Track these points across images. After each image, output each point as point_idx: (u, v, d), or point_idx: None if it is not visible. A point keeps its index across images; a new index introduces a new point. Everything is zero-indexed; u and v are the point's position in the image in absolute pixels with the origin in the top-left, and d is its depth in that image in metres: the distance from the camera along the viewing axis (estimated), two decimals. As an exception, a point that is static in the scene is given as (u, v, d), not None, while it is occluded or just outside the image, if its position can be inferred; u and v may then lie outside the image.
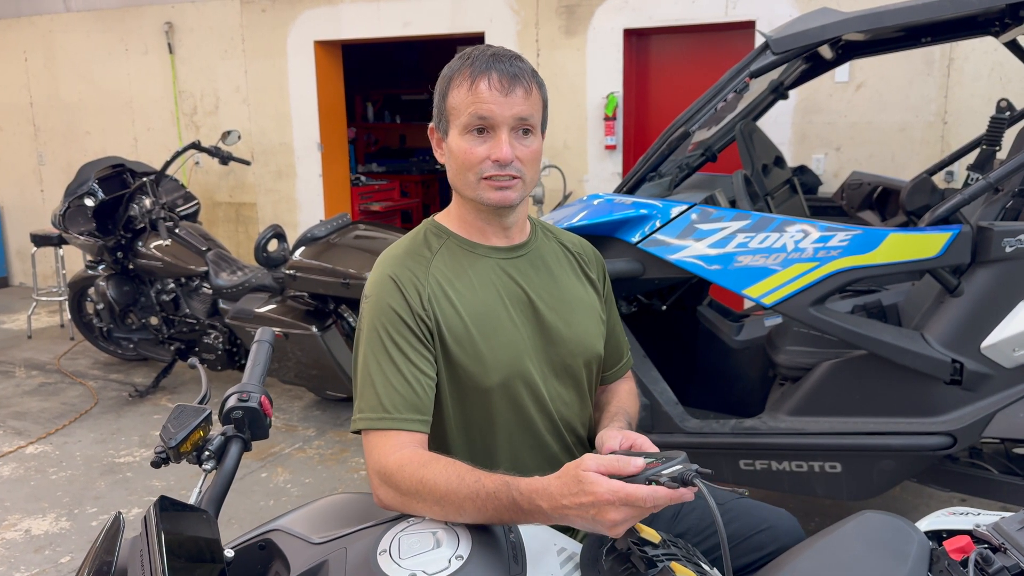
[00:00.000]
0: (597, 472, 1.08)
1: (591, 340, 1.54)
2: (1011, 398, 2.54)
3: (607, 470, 1.08)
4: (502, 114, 1.38)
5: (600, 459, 1.09)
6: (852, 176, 4.36)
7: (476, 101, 1.38)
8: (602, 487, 1.06)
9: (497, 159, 1.38)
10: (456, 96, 1.42)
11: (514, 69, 1.40)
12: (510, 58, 1.42)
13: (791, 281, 2.59)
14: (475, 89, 1.38)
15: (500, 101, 1.37)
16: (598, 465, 1.08)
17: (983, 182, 2.44)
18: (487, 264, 1.48)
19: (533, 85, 1.42)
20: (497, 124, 1.39)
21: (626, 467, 1.07)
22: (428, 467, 1.24)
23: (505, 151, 1.38)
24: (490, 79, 1.38)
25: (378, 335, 1.38)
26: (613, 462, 1.08)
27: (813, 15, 2.69)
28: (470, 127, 1.40)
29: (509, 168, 1.39)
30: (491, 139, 1.40)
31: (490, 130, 1.40)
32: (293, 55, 6.69)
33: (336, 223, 4.66)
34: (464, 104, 1.40)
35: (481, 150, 1.40)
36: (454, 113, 1.43)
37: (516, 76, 1.39)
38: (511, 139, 1.39)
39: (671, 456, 1.10)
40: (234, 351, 4.92)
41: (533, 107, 1.41)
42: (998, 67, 4.74)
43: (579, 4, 5.67)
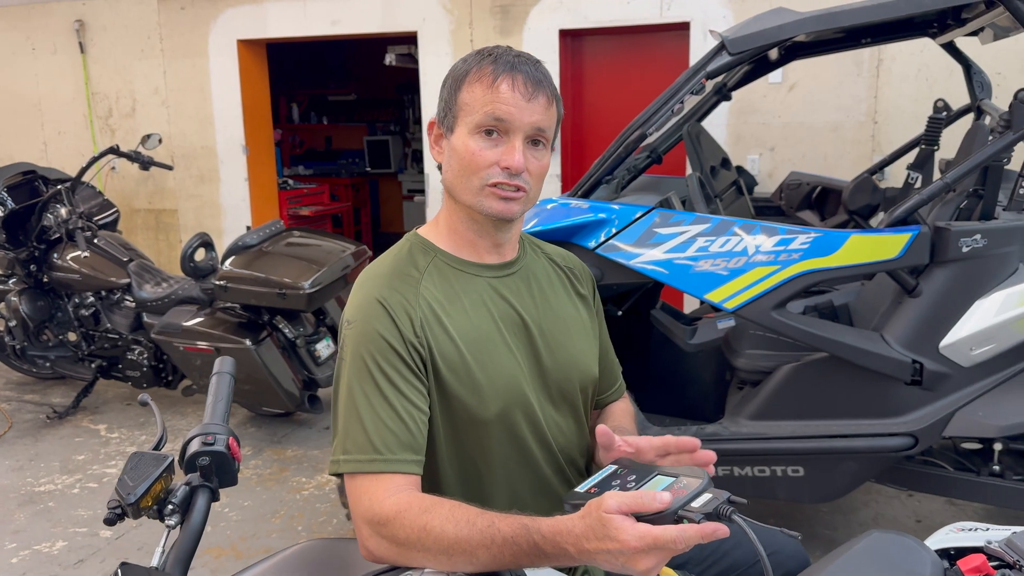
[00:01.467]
0: (620, 513, 0.98)
1: (587, 363, 1.44)
2: (969, 397, 2.56)
3: (630, 509, 0.98)
4: (521, 119, 1.27)
5: (622, 498, 0.99)
6: (791, 176, 4.40)
7: (495, 101, 1.27)
8: (628, 533, 0.96)
9: (508, 166, 1.27)
10: (472, 92, 1.30)
11: (539, 75, 1.30)
12: (535, 63, 1.32)
13: (753, 285, 2.55)
14: (496, 88, 1.27)
15: (521, 105, 1.27)
16: (620, 505, 0.99)
17: (941, 182, 2.45)
18: (478, 284, 1.36)
19: (553, 97, 1.32)
20: (513, 129, 1.28)
21: (651, 504, 0.98)
22: (431, 513, 1.12)
23: (518, 158, 1.27)
24: (514, 80, 1.27)
25: (365, 366, 1.25)
26: (636, 499, 0.99)
27: (768, 15, 2.66)
28: (483, 127, 1.28)
29: (518, 179, 1.29)
30: (503, 144, 1.29)
31: (503, 134, 1.29)
32: (215, 55, 6.41)
33: (269, 230, 4.46)
34: (481, 102, 1.28)
35: (491, 154, 1.28)
36: (466, 109, 1.30)
37: (540, 83, 1.29)
38: (525, 148, 1.29)
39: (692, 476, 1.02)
40: (160, 367, 4.65)
41: (550, 119, 1.32)
42: (924, 68, 4.85)
43: (514, 4, 5.58)
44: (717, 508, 0.97)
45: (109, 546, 3.36)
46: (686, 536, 0.95)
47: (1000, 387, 2.56)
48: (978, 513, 3.44)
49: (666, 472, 1.08)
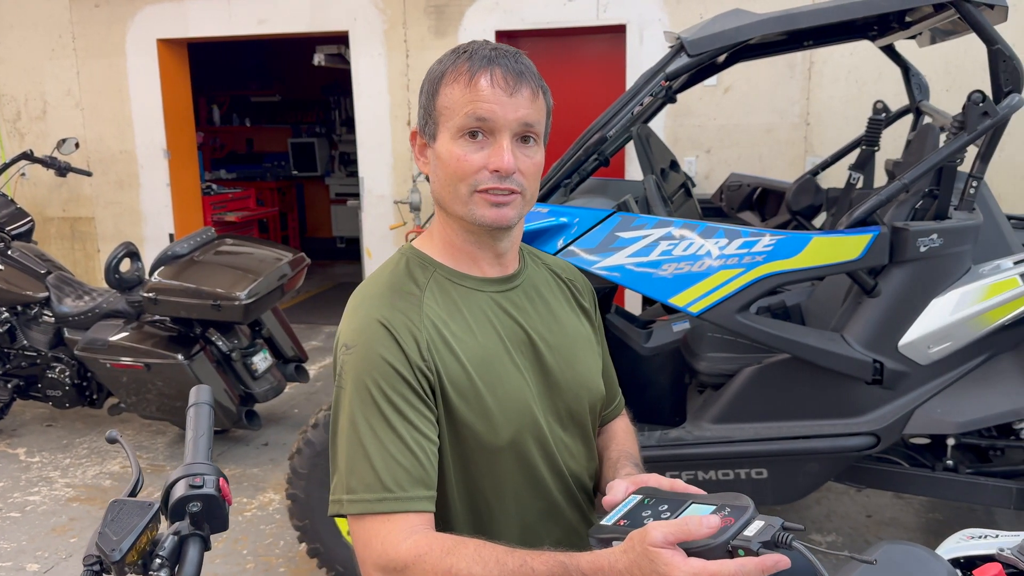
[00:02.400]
0: (668, 545, 0.90)
1: (594, 380, 1.36)
2: (928, 394, 2.59)
3: (677, 539, 0.91)
4: (505, 116, 1.17)
5: (668, 528, 0.92)
6: (731, 177, 4.43)
7: (475, 100, 1.17)
8: (680, 570, 0.89)
9: (497, 168, 1.17)
10: (450, 94, 1.20)
11: (520, 67, 1.20)
12: (514, 54, 1.22)
13: (718, 288, 2.53)
14: (474, 86, 1.17)
15: (503, 101, 1.17)
16: (666, 536, 0.91)
17: (899, 183, 2.47)
18: (481, 299, 1.26)
19: (539, 88, 1.22)
20: (498, 128, 1.18)
21: (699, 530, 0.91)
22: (455, 555, 1.03)
23: (507, 159, 1.17)
24: (492, 75, 1.17)
25: (369, 394, 1.13)
26: (683, 528, 0.91)
27: (727, 16, 2.64)
28: (465, 130, 1.18)
29: (509, 180, 1.19)
30: (489, 145, 1.19)
31: (488, 135, 1.19)
32: (133, 55, 6.11)
33: (200, 238, 4.25)
34: (460, 103, 1.18)
35: (477, 158, 1.19)
36: (446, 114, 1.20)
37: (522, 74, 1.19)
38: (513, 146, 1.19)
39: (735, 503, 0.95)
40: (84, 385, 4.38)
41: (538, 112, 1.22)
42: (854, 70, 4.97)
43: (448, 4, 5.48)
44: (774, 536, 0.91)
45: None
46: (745, 570, 0.88)
47: (956, 384, 2.60)
48: (923, 506, 3.53)
49: (702, 500, 1.01)
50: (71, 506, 3.72)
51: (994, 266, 2.56)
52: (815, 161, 5.06)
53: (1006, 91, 2.48)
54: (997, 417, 2.50)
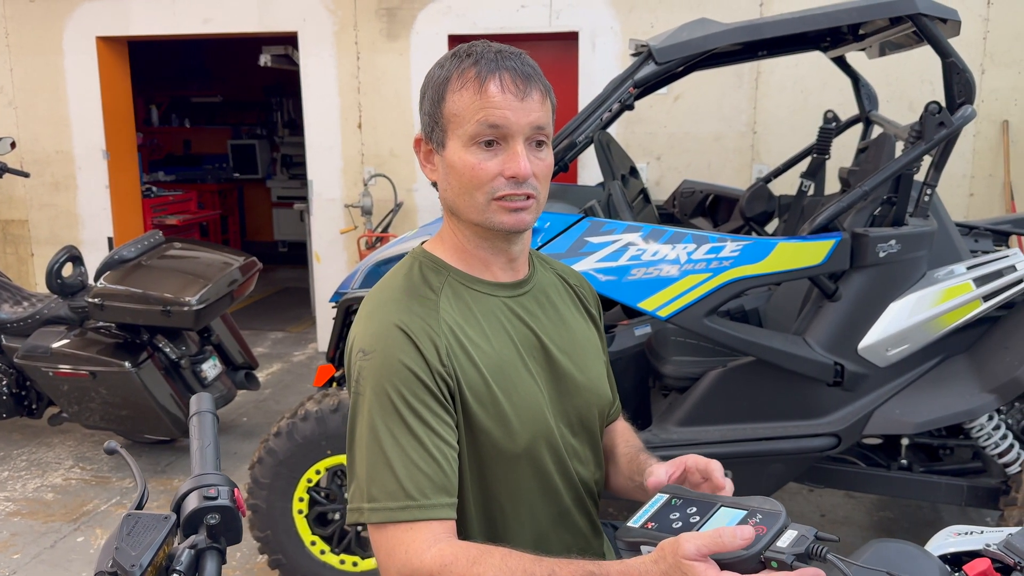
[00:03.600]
0: (701, 558, 0.90)
1: (603, 386, 1.36)
2: (886, 396, 2.67)
3: (710, 551, 0.90)
4: (518, 122, 1.15)
5: (700, 540, 0.91)
6: (684, 184, 4.49)
7: (487, 107, 1.15)
8: None
9: (514, 175, 1.16)
10: (459, 101, 1.17)
11: (527, 68, 1.18)
12: (519, 55, 1.20)
13: (686, 292, 2.56)
14: (485, 92, 1.15)
15: (515, 106, 1.15)
16: (699, 549, 0.90)
17: (859, 190, 2.54)
18: (493, 304, 1.25)
19: (546, 89, 1.21)
20: (512, 134, 1.16)
21: (732, 542, 0.90)
22: (481, 564, 1.01)
23: (523, 165, 1.15)
24: (502, 80, 1.15)
25: (390, 400, 1.11)
26: (716, 540, 0.90)
27: (693, 26, 2.68)
28: (479, 138, 1.16)
29: (525, 186, 1.17)
30: (503, 151, 1.17)
31: (502, 141, 1.17)
32: (71, 52, 5.90)
33: (147, 242, 4.12)
34: (471, 110, 1.16)
35: (491, 165, 1.17)
36: (455, 121, 1.18)
37: (530, 77, 1.18)
38: (527, 151, 1.17)
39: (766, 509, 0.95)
40: (23, 395, 4.20)
41: (547, 114, 1.20)
42: (800, 80, 5.11)
43: (400, 7, 5.45)
44: (808, 548, 0.91)
45: (-22, 600, 2.99)
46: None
47: (913, 385, 2.69)
48: (874, 504, 3.63)
49: (731, 504, 1.01)
50: (12, 521, 3.56)
51: (948, 271, 2.65)
52: (762, 168, 5.19)
53: (959, 102, 2.57)
54: (952, 417, 2.59)
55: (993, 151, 5.01)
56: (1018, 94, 4.91)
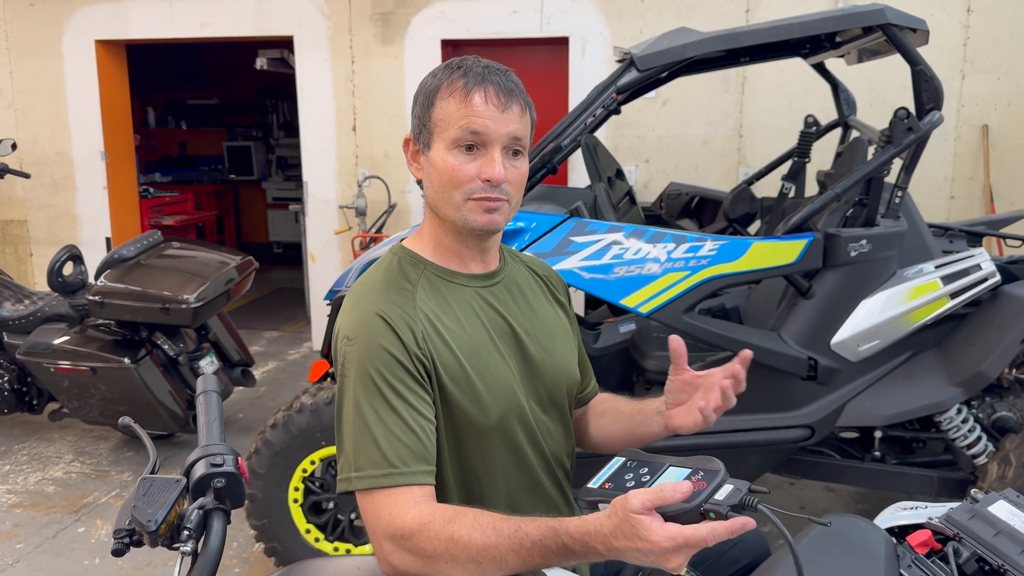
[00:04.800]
0: (646, 511, 1.01)
1: (571, 366, 1.48)
2: (858, 389, 2.79)
3: (654, 504, 1.02)
4: (497, 131, 1.28)
5: (645, 496, 1.02)
6: (670, 186, 4.61)
7: (470, 115, 1.27)
8: (658, 535, 1.00)
9: (488, 178, 1.28)
10: (445, 108, 1.30)
11: (510, 84, 1.31)
12: (504, 72, 1.33)
13: (666, 290, 2.67)
14: (469, 102, 1.28)
15: (496, 117, 1.28)
16: (644, 503, 1.01)
17: (831, 192, 2.66)
18: (467, 294, 1.37)
19: (526, 105, 1.33)
20: (490, 141, 1.28)
21: (672, 495, 1.02)
22: (456, 523, 1.13)
23: (498, 170, 1.27)
24: (486, 92, 1.28)
25: (372, 380, 1.23)
26: (658, 495, 1.02)
27: (673, 34, 2.80)
28: (460, 142, 1.29)
29: (498, 190, 1.29)
30: (481, 156, 1.29)
31: (481, 147, 1.29)
32: (70, 55, 6.00)
33: (146, 241, 4.23)
34: (455, 117, 1.28)
35: (470, 168, 1.29)
36: (441, 126, 1.30)
37: (512, 92, 1.30)
38: (503, 158, 1.29)
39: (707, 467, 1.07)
40: (24, 391, 4.29)
41: (525, 127, 1.33)
42: (785, 85, 5.23)
43: (394, 12, 5.56)
44: (742, 499, 1.02)
45: (-17, 588, 3.09)
46: (716, 533, 0.99)
47: (884, 380, 2.80)
48: (852, 497, 3.75)
49: (678, 463, 1.12)
50: (14, 512, 3.65)
51: (917, 270, 2.77)
52: (748, 171, 5.30)
53: (928, 108, 2.69)
54: (921, 410, 2.70)
55: (973, 155, 5.14)
56: (997, 99, 5.03)
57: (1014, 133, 5.03)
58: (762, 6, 5.14)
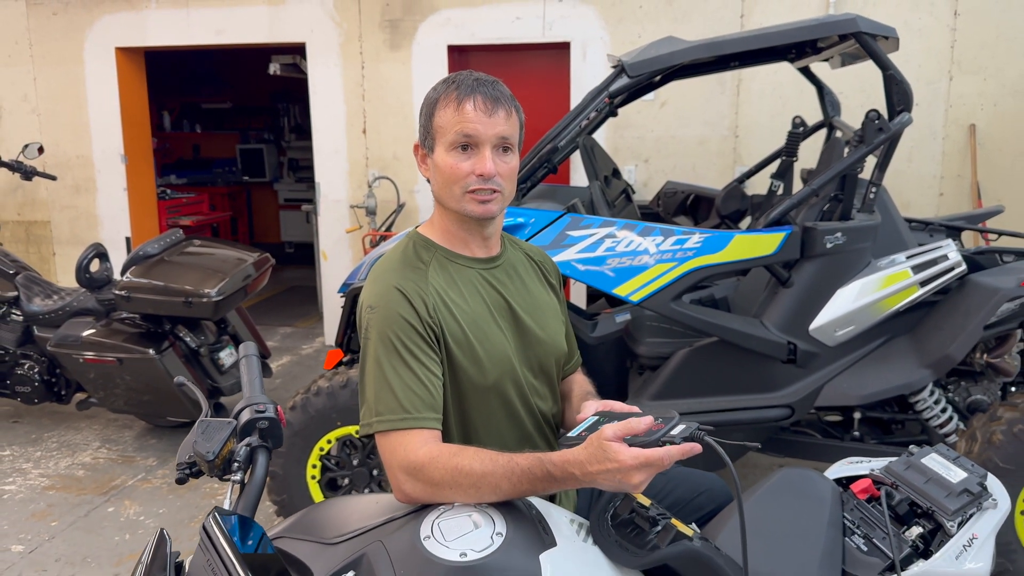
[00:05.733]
0: (616, 440, 1.23)
1: (560, 340, 1.70)
2: (835, 372, 2.99)
3: (624, 433, 1.24)
4: (486, 133, 1.50)
5: (616, 427, 1.25)
6: (667, 185, 4.82)
7: (462, 121, 1.50)
8: (625, 455, 1.22)
9: (481, 173, 1.50)
10: (443, 116, 1.53)
11: (496, 93, 1.53)
12: (492, 83, 1.55)
13: (655, 279, 2.88)
14: (461, 110, 1.50)
15: (484, 121, 1.50)
16: (615, 433, 1.24)
17: (807, 189, 2.87)
18: (471, 274, 1.60)
19: (512, 108, 1.55)
20: (481, 142, 1.51)
21: (638, 427, 1.24)
22: (460, 456, 1.35)
23: (488, 166, 1.50)
24: (475, 101, 1.50)
25: (391, 342, 1.45)
26: (627, 426, 1.25)
27: (661, 43, 3.01)
28: (456, 144, 1.51)
29: (491, 182, 1.52)
30: (475, 156, 1.51)
31: (474, 147, 1.51)
32: (91, 62, 6.25)
33: (169, 239, 4.46)
34: (451, 123, 1.51)
35: (466, 165, 1.51)
36: (441, 131, 1.53)
37: (498, 99, 1.52)
38: (493, 156, 1.51)
39: (665, 415, 1.29)
40: (53, 381, 4.53)
41: (512, 128, 1.55)
42: (779, 87, 5.43)
43: (402, 19, 5.78)
44: (691, 433, 1.25)
45: (23, 560, 3.32)
46: (670, 454, 1.22)
47: (860, 363, 3.00)
48: (838, 478, 3.94)
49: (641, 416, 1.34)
50: (47, 494, 3.89)
51: (890, 260, 2.97)
52: (743, 170, 5.50)
53: (898, 110, 2.89)
54: (894, 390, 2.90)
55: (961, 153, 5.33)
56: (984, 99, 5.22)
57: (1000, 132, 5.22)
58: (756, 12, 5.34)
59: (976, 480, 1.55)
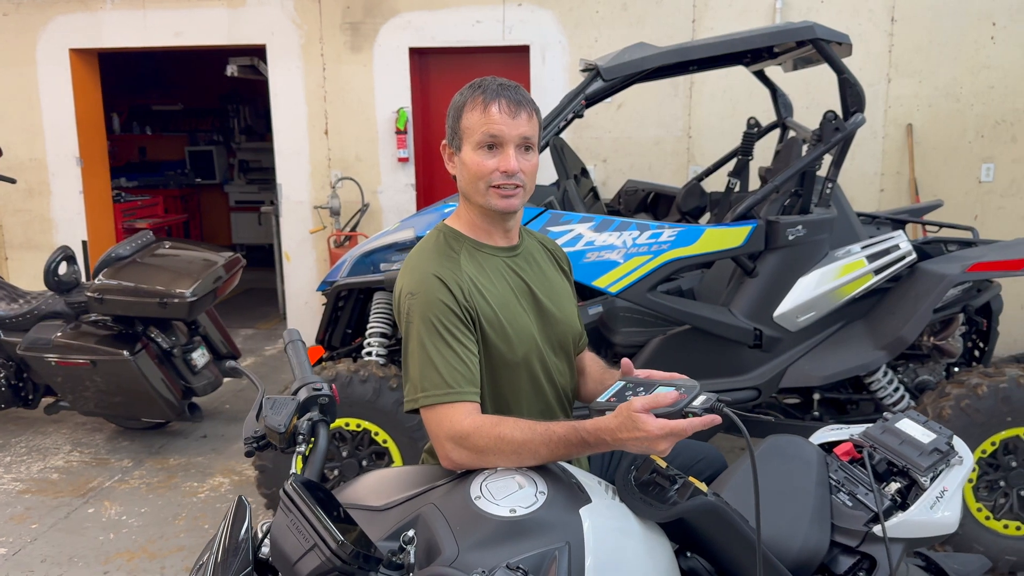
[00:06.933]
0: (645, 411, 1.38)
1: (575, 321, 1.85)
2: (798, 355, 3.21)
3: (652, 406, 1.39)
4: (510, 133, 1.64)
5: (645, 400, 1.40)
6: (628, 183, 5.01)
7: (488, 122, 1.63)
8: (652, 425, 1.37)
9: (505, 170, 1.64)
10: (470, 118, 1.66)
11: (519, 97, 1.67)
12: (515, 88, 1.69)
13: (632, 272, 3.05)
14: (487, 112, 1.64)
15: (508, 123, 1.63)
16: (644, 405, 1.39)
17: (770, 185, 3.07)
18: (496, 262, 1.73)
19: (533, 111, 1.69)
20: (505, 141, 1.64)
21: (664, 400, 1.39)
22: (501, 426, 1.49)
23: (512, 163, 1.64)
24: (500, 104, 1.64)
25: (433, 325, 1.58)
26: (654, 399, 1.39)
27: (633, 48, 3.18)
28: (482, 144, 1.65)
29: (514, 178, 1.65)
30: (499, 154, 1.65)
31: (498, 146, 1.65)
32: (44, 63, 6.18)
33: (140, 241, 4.48)
34: (477, 124, 1.65)
35: (491, 163, 1.65)
36: (468, 132, 1.67)
37: (520, 103, 1.66)
38: (516, 154, 1.65)
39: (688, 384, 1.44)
40: (20, 386, 4.50)
41: (533, 128, 1.68)
42: (729, 90, 5.67)
43: (363, 22, 5.86)
44: (712, 405, 1.40)
45: (7, 562, 3.32)
46: (693, 425, 1.37)
47: (820, 346, 3.22)
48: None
49: (666, 383, 1.49)
50: (24, 497, 3.88)
51: (846, 250, 3.20)
52: (696, 169, 5.74)
53: (852, 111, 3.11)
54: (852, 370, 3.12)
55: (899, 151, 5.64)
56: (920, 100, 5.54)
57: (935, 131, 5.55)
58: (707, 17, 5.58)
59: (944, 440, 1.74)
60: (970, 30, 5.37)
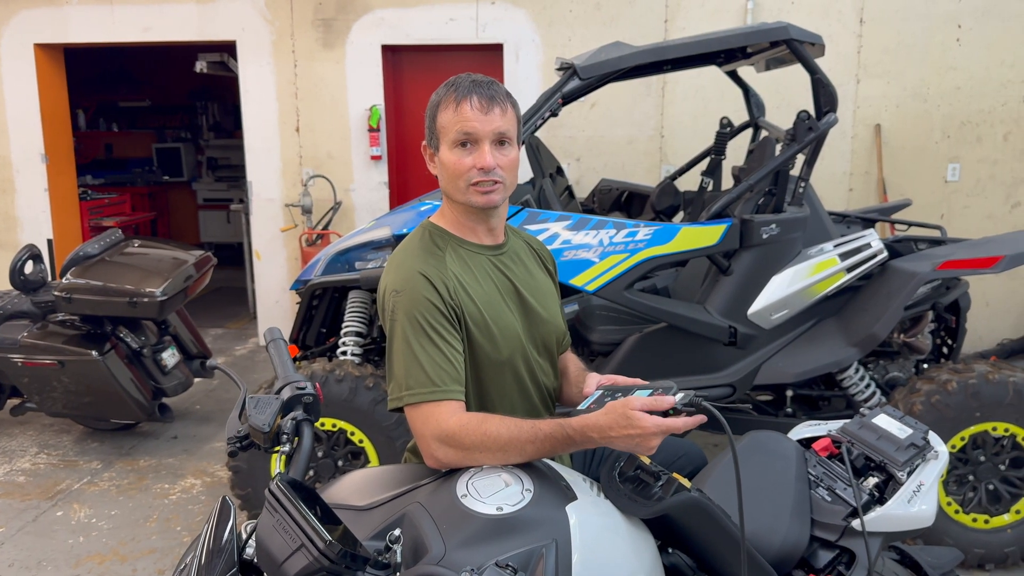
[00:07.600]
0: (642, 411, 1.39)
1: (559, 321, 1.85)
2: (771, 352, 3.24)
3: (651, 408, 1.40)
4: (483, 129, 1.62)
5: (644, 401, 1.40)
6: (602, 182, 5.02)
7: (461, 120, 1.62)
8: (648, 423, 1.38)
9: (482, 167, 1.62)
10: (444, 117, 1.65)
11: (491, 92, 1.65)
12: (488, 83, 1.67)
13: (609, 270, 3.06)
14: (460, 110, 1.63)
15: (481, 119, 1.62)
16: (643, 405, 1.40)
17: (744, 184, 3.10)
18: (481, 260, 1.72)
19: (508, 105, 1.67)
20: (480, 138, 1.63)
21: (662, 404, 1.40)
22: (487, 423, 1.48)
23: (488, 160, 1.62)
24: (471, 101, 1.62)
25: (418, 322, 1.56)
26: (655, 402, 1.40)
27: (609, 48, 3.19)
28: (457, 142, 1.63)
29: (492, 174, 1.64)
30: (475, 151, 1.63)
31: (474, 143, 1.63)
32: (8, 59, 6.06)
33: (109, 239, 4.41)
34: (451, 123, 1.63)
35: (468, 160, 1.63)
36: (443, 131, 1.65)
37: (493, 98, 1.64)
38: (492, 150, 1.64)
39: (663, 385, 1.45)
40: (-15, 387, 4.41)
41: (509, 123, 1.66)
42: (701, 90, 5.71)
43: (335, 18, 5.82)
44: (692, 402, 1.41)
45: (-26, 567, 3.26)
46: (687, 423, 1.40)
47: (793, 343, 3.26)
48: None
49: (642, 386, 1.50)
50: (-10, 501, 3.81)
51: (819, 249, 3.23)
52: (669, 168, 5.78)
53: (825, 111, 3.15)
54: (825, 367, 3.16)
55: (868, 151, 5.73)
56: (888, 101, 5.63)
57: (903, 131, 5.63)
58: (679, 17, 5.61)
59: (920, 435, 1.77)
60: (937, 32, 5.47)
